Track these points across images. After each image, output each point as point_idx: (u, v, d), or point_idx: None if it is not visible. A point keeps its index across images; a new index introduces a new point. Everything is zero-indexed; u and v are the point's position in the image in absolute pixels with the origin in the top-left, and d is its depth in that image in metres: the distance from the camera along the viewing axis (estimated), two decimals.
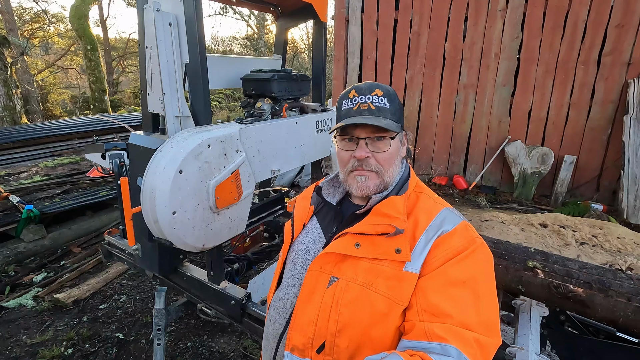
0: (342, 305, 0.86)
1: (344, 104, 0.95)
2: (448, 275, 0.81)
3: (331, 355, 0.86)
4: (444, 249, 0.84)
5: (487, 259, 0.87)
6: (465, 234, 0.87)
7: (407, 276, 0.83)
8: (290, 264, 1.04)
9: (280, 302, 1.03)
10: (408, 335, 0.79)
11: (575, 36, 5.44)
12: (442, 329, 0.75)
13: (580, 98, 5.60)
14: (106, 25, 16.58)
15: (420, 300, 0.81)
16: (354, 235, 0.90)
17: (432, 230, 0.87)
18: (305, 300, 0.91)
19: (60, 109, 13.91)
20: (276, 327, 1.02)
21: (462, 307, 0.78)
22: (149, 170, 1.61)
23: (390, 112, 0.92)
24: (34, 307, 3.06)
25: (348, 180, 0.97)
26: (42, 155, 4.85)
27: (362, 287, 0.85)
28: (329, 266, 0.91)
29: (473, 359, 0.73)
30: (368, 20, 6.64)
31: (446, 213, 0.91)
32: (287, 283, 1.03)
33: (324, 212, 1.06)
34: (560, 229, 4.13)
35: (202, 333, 2.78)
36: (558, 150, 5.80)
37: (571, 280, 1.85)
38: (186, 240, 1.70)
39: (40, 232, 3.85)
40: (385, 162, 0.93)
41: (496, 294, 0.86)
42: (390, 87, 0.97)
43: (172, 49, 1.83)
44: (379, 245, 0.87)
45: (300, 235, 1.06)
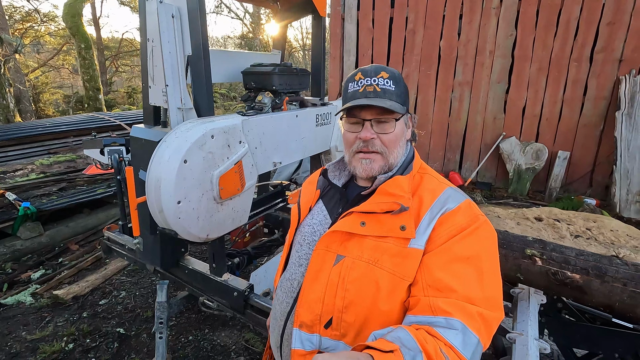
0: (349, 282, 0.88)
1: (350, 87, 0.96)
2: (452, 252, 0.83)
3: (339, 330, 0.88)
4: (448, 226, 0.86)
5: (491, 236, 0.89)
6: (468, 212, 0.89)
7: (412, 252, 0.85)
8: (297, 245, 1.06)
9: (287, 282, 1.06)
10: (413, 311, 0.81)
11: (568, 34, 5.52)
12: (446, 303, 0.77)
13: (573, 95, 5.68)
14: (99, 24, 16.44)
15: (425, 276, 0.82)
16: (359, 214, 0.92)
17: (436, 208, 0.89)
18: (312, 279, 0.94)
19: (52, 108, 13.76)
20: (284, 306, 1.04)
21: (466, 282, 0.79)
22: (153, 160, 1.62)
23: (395, 94, 0.93)
24: (33, 304, 3.04)
25: (352, 161, 0.98)
26: (37, 153, 4.80)
27: (367, 264, 0.87)
28: (335, 245, 0.93)
29: (477, 332, 0.75)
30: (364, 18, 6.68)
31: (450, 192, 0.93)
32: (294, 264, 1.06)
33: (330, 194, 1.08)
34: (555, 223, 4.20)
35: (203, 327, 2.79)
36: (552, 146, 5.89)
37: (568, 267, 1.89)
38: (190, 230, 1.72)
39: (37, 230, 3.83)
40: (390, 143, 0.94)
41: (499, 270, 0.87)
42: (396, 70, 0.98)
43: (174, 40, 1.84)
44: (384, 223, 0.89)
45: (306, 218, 1.08)
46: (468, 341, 0.73)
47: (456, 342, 0.72)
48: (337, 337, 0.89)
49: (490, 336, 0.79)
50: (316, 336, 0.91)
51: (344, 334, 0.88)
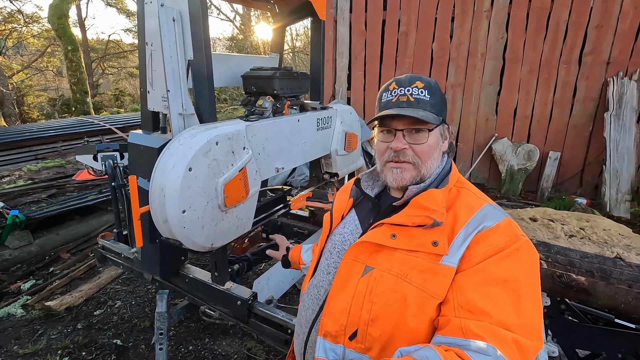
0: (376, 295, 0.86)
1: (384, 96, 0.95)
2: (488, 273, 0.79)
3: (363, 343, 0.86)
4: (485, 245, 0.81)
5: (533, 259, 0.83)
6: (508, 231, 0.84)
7: (443, 270, 0.82)
8: (327, 253, 1.05)
9: (314, 289, 1.04)
10: (443, 331, 0.77)
11: (557, 36, 5.62)
12: (478, 327, 0.73)
13: (562, 96, 5.79)
14: (85, 25, 16.12)
15: (457, 296, 0.79)
16: (390, 226, 0.90)
17: (472, 225, 0.85)
18: (339, 289, 0.92)
19: (37, 111, 13.43)
20: (309, 313, 1.03)
21: (501, 307, 0.75)
22: (157, 168, 1.57)
23: (430, 104, 0.91)
24: (24, 316, 2.93)
25: (384, 170, 0.97)
26: (25, 158, 4.66)
27: (396, 277, 0.85)
28: (364, 256, 0.91)
29: (511, 359, 0.69)
30: (356, 21, 6.69)
31: (489, 209, 0.89)
32: (322, 271, 1.04)
33: (362, 204, 1.07)
34: (550, 223, 4.25)
35: (203, 336, 2.73)
36: (543, 147, 5.98)
37: (573, 269, 1.90)
38: (195, 239, 1.67)
39: (26, 238, 3.70)
40: (423, 154, 0.92)
41: (540, 296, 0.81)
42: (432, 79, 0.96)
43: (175, 45, 1.79)
44: (415, 237, 0.86)
45: (338, 227, 1.07)
46: None
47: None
48: (362, 350, 0.87)
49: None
50: (340, 347, 0.89)
51: (368, 347, 0.86)
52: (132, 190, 1.51)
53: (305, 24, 18.96)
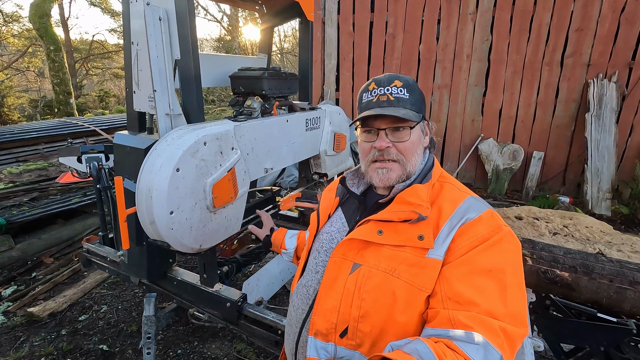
0: (365, 292, 0.86)
1: (364, 97, 0.96)
2: (473, 263, 0.80)
3: (354, 339, 0.87)
4: (469, 236, 0.83)
5: (515, 248, 0.85)
6: (491, 222, 0.85)
7: (430, 263, 0.83)
8: (315, 252, 1.06)
9: (303, 288, 1.04)
10: (432, 323, 0.78)
11: (539, 39, 5.76)
12: (467, 317, 0.74)
13: (545, 97, 5.93)
14: (67, 25, 15.77)
15: (444, 288, 0.80)
16: (376, 222, 0.91)
17: (456, 218, 0.86)
18: (328, 287, 0.93)
19: (18, 113, 13.07)
20: (299, 313, 1.03)
21: (488, 296, 0.76)
22: (144, 169, 1.55)
23: (410, 102, 0.93)
24: (5, 323, 2.84)
25: (369, 171, 0.98)
26: (5, 161, 4.52)
27: (384, 273, 0.85)
28: (351, 253, 0.92)
29: (500, 348, 0.71)
30: (344, 22, 6.72)
31: (471, 201, 0.90)
32: (310, 270, 1.05)
33: (349, 202, 1.08)
34: (534, 221, 4.34)
35: (192, 339, 2.69)
36: (527, 147, 6.11)
37: (557, 265, 1.94)
38: (183, 241, 1.65)
39: (7, 243, 3.59)
40: (406, 151, 0.93)
41: (524, 284, 0.83)
42: (410, 77, 0.97)
43: (162, 44, 1.77)
44: (402, 232, 0.87)
45: (325, 225, 1.08)
46: (490, 357, 0.70)
47: (477, 357, 0.69)
48: (353, 347, 0.87)
49: (514, 353, 0.74)
50: (331, 345, 0.89)
51: (359, 343, 0.87)
52: (118, 191, 1.48)
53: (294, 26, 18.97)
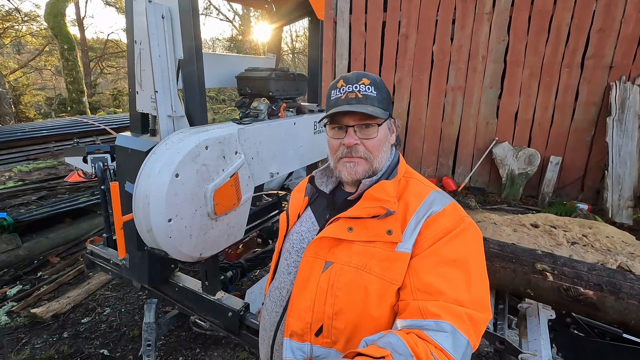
0: (338, 289, 0.88)
1: (333, 94, 0.97)
2: (439, 255, 0.84)
3: (329, 337, 0.88)
4: (434, 228, 0.86)
5: (477, 238, 0.90)
6: (453, 214, 0.89)
7: (399, 256, 0.85)
8: (286, 253, 1.06)
9: (276, 291, 1.04)
10: (403, 315, 0.81)
11: (559, 40, 5.55)
12: (435, 306, 0.77)
13: (564, 100, 5.72)
14: (83, 24, 16.01)
15: (413, 280, 0.83)
16: (346, 219, 0.92)
17: (422, 211, 0.89)
18: (302, 287, 0.93)
19: (34, 111, 13.30)
20: (273, 316, 1.03)
21: (454, 285, 0.80)
22: (142, 174, 1.48)
23: (377, 99, 0.94)
24: (8, 324, 2.82)
25: (338, 166, 0.99)
26: (15, 159, 4.55)
27: (356, 269, 0.87)
28: (323, 251, 0.92)
29: (466, 333, 0.75)
30: (356, 22, 6.61)
31: (435, 195, 0.94)
32: (282, 272, 1.04)
33: (318, 201, 1.08)
34: (552, 229, 4.17)
35: (194, 346, 2.63)
36: (544, 152, 5.90)
37: (581, 282, 1.81)
38: (182, 249, 1.58)
39: (14, 242, 3.59)
40: (373, 148, 0.95)
41: (486, 271, 0.89)
42: (377, 76, 0.99)
43: (164, 43, 1.70)
44: (371, 227, 0.89)
45: (295, 225, 1.08)
46: (458, 343, 0.74)
47: (446, 344, 0.73)
48: (328, 345, 0.89)
49: (479, 337, 0.80)
50: (307, 345, 0.90)
51: (334, 341, 0.88)
52: (114, 197, 1.41)
53: (305, 25, 18.90)
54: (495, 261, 2.02)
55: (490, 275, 2.05)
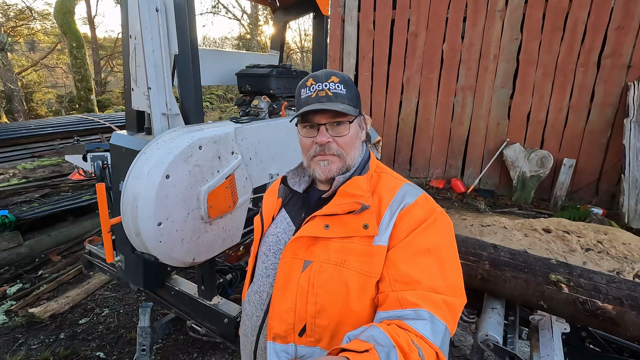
0: (318, 287, 0.88)
1: (303, 92, 0.96)
2: (414, 245, 0.86)
3: (313, 336, 0.88)
4: (408, 220, 0.88)
5: (448, 226, 0.93)
6: (425, 204, 0.92)
7: (376, 250, 0.87)
8: (263, 256, 1.04)
9: (256, 295, 1.03)
10: (383, 307, 0.82)
11: (574, 38, 5.36)
12: (413, 295, 0.80)
13: (579, 101, 5.52)
14: (94, 23, 16.15)
15: (391, 272, 0.85)
16: (322, 217, 0.92)
17: (395, 204, 0.91)
18: (282, 288, 0.92)
19: (45, 108, 13.46)
20: (254, 320, 1.02)
21: (429, 273, 0.83)
22: (130, 174, 1.41)
23: (347, 97, 0.94)
24: (6, 323, 2.79)
25: (311, 165, 0.98)
26: (20, 156, 4.54)
27: (335, 266, 0.87)
28: (301, 251, 0.92)
29: (443, 319, 0.78)
30: (364, 20, 6.49)
31: (407, 187, 0.96)
32: (261, 275, 1.03)
33: (292, 202, 1.07)
34: (565, 235, 4.01)
35: (191, 350, 2.56)
36: (557, 154, 5.72)
37: (599, 295, 1.69)
38: (174, 254, 1.50)
39: (15, 240, 3.57)
40: (346, 145, 0.95)
41: (458, 257, 0.92)
42: (346, 74, 1.00)
43: (159, 38, 1.62)
44: (347, 223, 0.90)
45: (270, 227, 1.06)
46: (436, 329, 0.77)
47: (426, 331, 0.75)
48: (312, 344, 0.89)
49: (455, 321, 0.83)
50: (291, 346, 0.90)
51: (318, 339, 0.88)
52: (100, 199, 1.34)
53: None
54: (506, 270, 1.91)
55: (500, 285, 1.94)
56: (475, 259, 2.01)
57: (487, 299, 2.03)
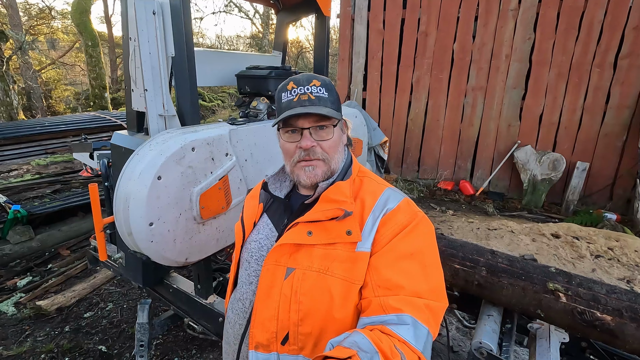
0: (302, 294, 0.87)
1: (284, 96, 0.94)
2: (397, 250, 0.86)
3: (296, 344, 0.88)
4: (391, 225, 0.88)
5: (429, 231, 0.93)
6: (407, 209, 0.92)
7: (360, 256, 0.86)
8: (245, 263, 1.03)
9: (238, 302, 1.02)
10: (366, 312, 0.82)
11: (590, 38, 5.21)
12: (396, 301, 0.79)
13: (594, 102, 5.37)
14: (111, 22, 16.50)
15: (373, 277, 0.84)
16: (305, 224, 0.91)
17: (378, 210, 0.91)
18: (265, 296, 0.91)
19: (63, 105, 13.82)
20: (236, 329, 1.02)
21: (412, 278, 0.83)
22: (123, 175, 1.43)
23: (329, 101, 0.93)
24: (15, 315, 2.89)
25: (295, 170, 0.96)
26: (34, 152, 4.68)
27: (318, 273, 0.87)
28: (284, 258, 0.91)
29: (426, 323, 0.79)
30: (374, 20, 6.45)
31: (389, 192, 0.95)
32: (243, 282, 1.02)
33: (273, 207, 1.06)
34: (574, 240, 3.91)
35: (190, 347, 2.60)
36: (570, 157, 5.58)
37: (598, 306, 1.64)
38: (165, 254, 1.52)
39: (27, 234, 3.69)
40: (330, 149, 0.94)
41: (440, 262, 0.92)
42: (327, 77, 0.99)
43: (156, 40, 1.65)
44: (331, 230, 0.89)
45: (252, 234, 1.05)
46: (419, 333, 0.77)
47: (408, 336, 0.75)
48: (295, 352, 0.88)
49: (438, 325, 0.83)
50: (274, 355, 0.89)
51: (301, 347, 0.88)
52: (93, 199, 1.37)
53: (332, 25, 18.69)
54: (503, 277, 1.87)
55: (496, 292, 1.90)
56: (472, 264, 1.98)
57: (483, 305, 2.00)
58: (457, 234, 4.34)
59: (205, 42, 19.81)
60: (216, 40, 20.53)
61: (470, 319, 3.03)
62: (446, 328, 2.24)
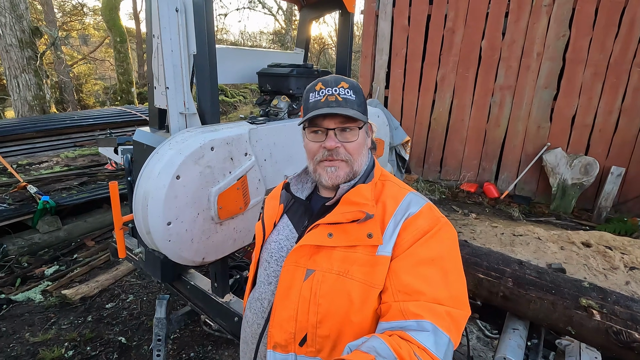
0: (320, 297, 0.86)
1: (311, 97, 0.94)
2: (417, 255, 0.84)
3: (314, 346, 0.87)
4: (412, 230, 0.87)
5: (452, 237, 0.91)
6: (430, 215, 0.90)
7: (380, 260, 0.85)
8: (265, 263, 1.03)
9: (257, 302, 1.02)
10: (385, 317, 0.81)
11: (631, 35, 4.90)
12: (416, 307, 0.78)
13: (633, 104, 5.06)
14: (139, 18, 16.91)
15: (394, 282, 0.83)
16: (326, 225, 0.90)
17: (399, 214, 0.89)
18: (284, 297, 0.91)
19: (93, 99, 14.32)
20: (254, 328, 1.02)
21: (432, 284, 0.81)
22: (142, 173, 1.43)
23: (356, 103, 0.93)
24: (42, 302, 3.00)
25: (318, 170, 0.95)
26: (64, 145, 4.85)
27: (338, 276, 0.86)
28: (303, 259, 0.90)
29: (447, 331, 0.76)
30: (399, 16, 6.30)
31: (411, 197, 0.94)
32: (262, 282, 1.02)
33: (294, 208, 1.05)
34: (607, 250, 3.70)
35: (206, 343, 2.62)
36: (604, 161, 5.29)
37: (637, 326, 1.53)
38: (183, 253, 1.52)
39: (55, 224, 3.83)
40: (354, 151, 0.94)
41: (462, 268, 0.89)
42: (354, 80, 0.98)
43: (178, 38, 1.64)
44: (351, 232, 0.88)
45: (272, 234, 1.04)
46: (440, 341, 0.75)
47: (428, 343, 0.73)
48: (313, 354, 0.88)
49: (459, 334, 0.81)
50: (292, 355, 0.89)
51: (319, 349, 0.87)
52: (113, 196, 1.38)
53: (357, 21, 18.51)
54: (531, 290, 1.78)
55: (523, 305, 1.80)
56: (498, 275, 1.88)
57: (508, 318, 1.90)
58: (479, 238, 4.20)
59: (229, 38, 20.02)
60: (239, 36, 20.71)
61: (493, 329, 2.91)
62: (466, 337, 2.15)
